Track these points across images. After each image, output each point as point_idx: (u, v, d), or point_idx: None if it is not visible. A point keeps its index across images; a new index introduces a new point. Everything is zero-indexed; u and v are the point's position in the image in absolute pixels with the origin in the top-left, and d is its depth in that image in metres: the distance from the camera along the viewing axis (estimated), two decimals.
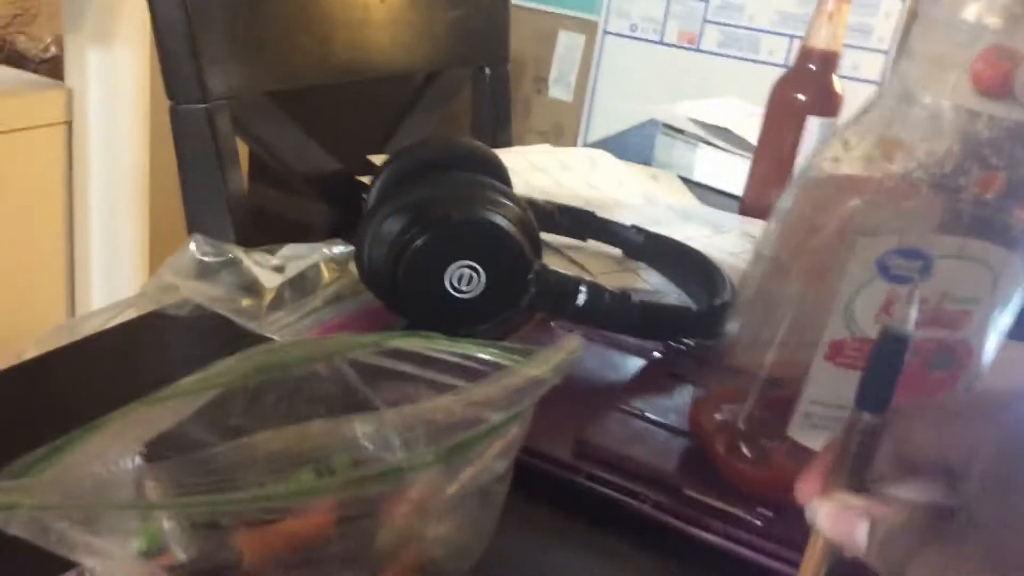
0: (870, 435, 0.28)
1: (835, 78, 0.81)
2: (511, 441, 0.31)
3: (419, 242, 0.51)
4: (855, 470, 0.28)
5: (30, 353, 0.47)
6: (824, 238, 0.41)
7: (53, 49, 1.26)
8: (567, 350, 0.32)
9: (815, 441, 0.41)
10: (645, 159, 1.02)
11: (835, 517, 0.28)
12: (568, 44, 2.15)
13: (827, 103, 0.81)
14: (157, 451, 0.31)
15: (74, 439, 0.26)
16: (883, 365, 0.28)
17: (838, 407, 0.41)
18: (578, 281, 0.53)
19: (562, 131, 2.17)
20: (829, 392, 0.41)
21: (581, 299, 0.53)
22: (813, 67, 0.81)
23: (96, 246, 1.22)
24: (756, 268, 0.45)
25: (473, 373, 0.34)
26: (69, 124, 1.19)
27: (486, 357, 0.32)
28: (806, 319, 0.42)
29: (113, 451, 0.27)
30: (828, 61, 0.81)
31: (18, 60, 1.26)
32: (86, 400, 0.44)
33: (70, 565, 0.30)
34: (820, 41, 0.80)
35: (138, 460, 0.31)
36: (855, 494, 0.28)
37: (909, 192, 0.39)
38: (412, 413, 0.30)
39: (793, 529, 0.41)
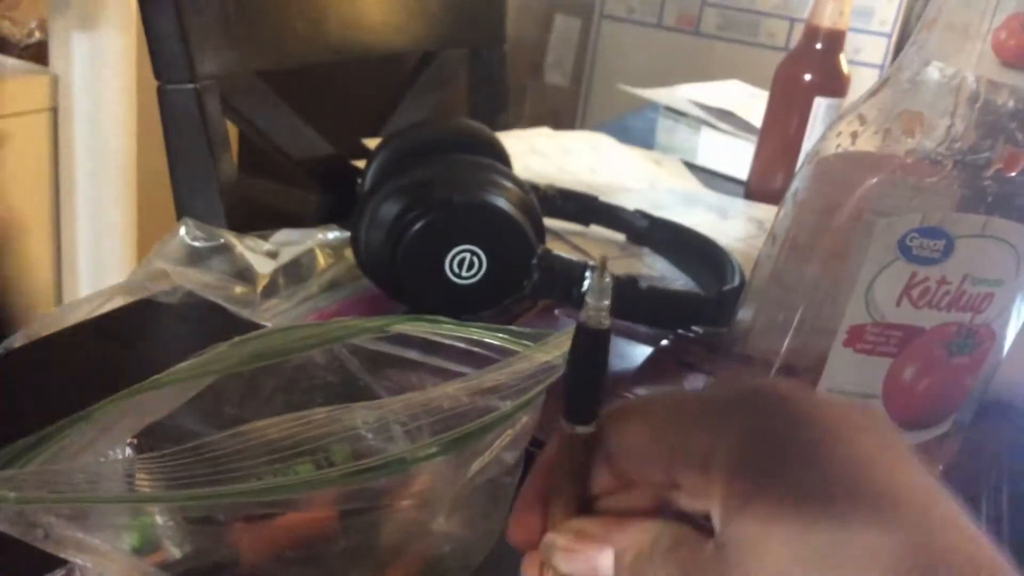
0: (584, 450, 0.23)
1: (842, 57, 0.80)
2: (521, 430, 0.30)
3: (418, 226, 0.49)
4: (577, 492, 0.24)
5: (18, 342, 0.45)
6: (841, 218, 0.39)
7: (37, 34, 1.24)
8: None
9: None
10: (647, 143, 1.00)
11: (571, 551, 0.23)
12: (564, 28, 2.12)
13: (834, 83, 0.79)
14: (149, 442, 0.30)
15: (62, 428, 0.25)
16: (585, 367, 0.23)
17: (858, 394, 0.39)
18: (583, 266, 0.51)
19: (559, 117, 2.14)
20: (848, 379, 0.39)
21: (586, 284, 0.51)
22: (819, 46, 0.79)
23: (83, 233, 1.20)
24: (770, 251, 0.43)
25: (481, 360, 0.32)
26: (54, 110, 1.17)
27: (494, 343, 0.30)
28: (823, 303, 0.40)
29: (103, 442, 0.26)
30: (834, 40, 0.79)
31: (2, 46, 1.23)
32: (75, 389, 0.42)
33: (59, 563, 0.28)
34: (825, 19, 0.78)
35: (129, 451, 0.29)
36: (587, 519, 0.23)
37: (930, 169, 0.37)
38: (416, 401, 0.28)
39: None
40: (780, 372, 0.41)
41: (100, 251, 1.21)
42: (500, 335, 0.30)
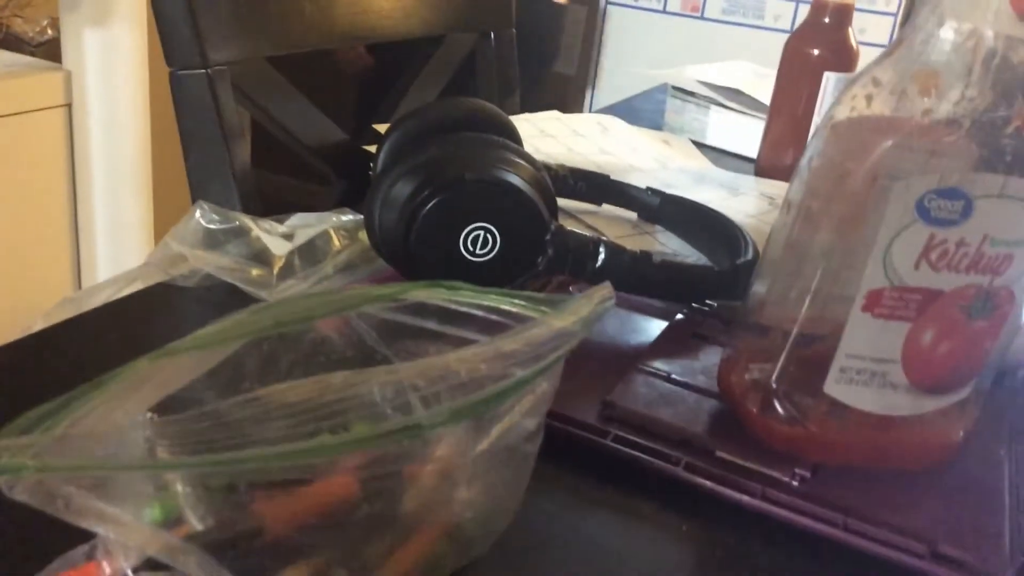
0: None
1: (850, 31, 0.79)
2: (540, 397, 0.30)
3: (431, 205, 0.49)
4: None
5: (38, 326, 0.45)
6: (856, 184, 0.39)
7: (50, 31, 1.24)
8: (597, 299, 0.30)
9: (854, 397, 0.40)
10: (656, 124, 1.00)
11: None
12: (571, 16, 2.12)
13: (843, 57, 0.79)
14: (167, 415, 0.30)
15: (82, 394, 0.25)
16: None
17: (877, 360, 0.39)
18: (597, 241, 0.51)
19: (565, 104, 2.14)
20: (867, 344, 0.39)
21: (600, 260, 0.51)
22: (827, 20, 0.78)
23: (100, 227, 1.21)
24: (785, 219, 0.43)
25: (498, 330, 0.32)
26: (68, 106, 1.17)
27: (512, 309, 0.30)
28: (839, 270, 0.40)
29: (122, 410, 0.26)
30: (843, 14, 0.78)
31: (15, 43, 1.24)
32: (95, 372, 0.43)
33: (82, 537, 0.29)
34: None
35: (148, 419, 0.30)
36: None
37: (946, 131, 0.37)
38: (433, 367, 0.28)
39: (831, 489, 0.39)
40: (798, 340, 0.41)
41: (118, 244, 1.22)
42: (517, 301, 0.30)
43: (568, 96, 2.13)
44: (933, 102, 0.36)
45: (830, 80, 0.79)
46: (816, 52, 0.79)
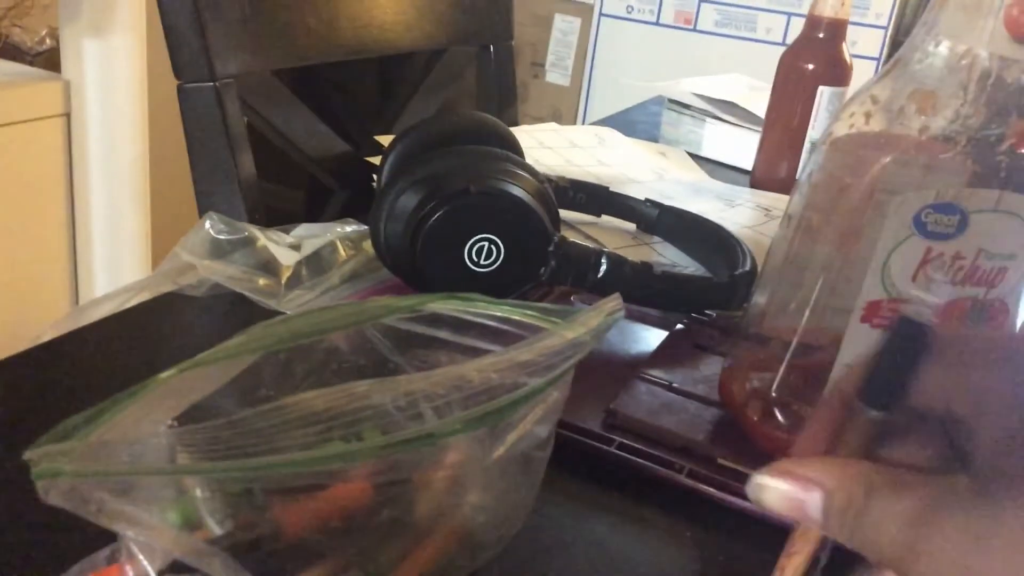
0: (867, 435, 0.24)
1: (844, 46, 0.80)
2: (552, 406, 0.31)
3: (437, 216, 0.50)
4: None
5: (47, 336, 0.46)
6: (855, 198, 0.40)
7: (48, 41, 1.25)
8: (606, 311, 0.31)
9: None
10: (652, 136, 1.01)
11: (779, 489, 0.23)
12: (564, 27, 2.13)
13: (837, 72, 0.80)
14: (189, 422, 0.31)
15: (109, 406, 0.25)
16: (900, 357, 0.24)
17: None
18: (599, 252, 0.52)
19: (560, 115, 2.15)
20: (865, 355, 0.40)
21: (602, 271, 0.52)
22: (821, 35, 0.80)
23: (98, 237, 1.21)
24: (785, 232, 0.44)
25: (509, 339, 0.33)
26: (67, 116, 1.18)
27: (524, 320, 0.31)
28: (838, 282, 0.41)
29: (149, 419, 0.27)
30: (837, 29, 0.80)
31: (13, 53, 1.24)
32: (106, 380, 0.43)
33: (102, 540, 0.29)
34: (828, 9, 0.79)
35: (170, 427, 0.30)
36: (798, 461, 0.23)
37: (942, 147, 0.38)
38: (448, 376, 0.29)
39: None
40: (798, 350, 0.42)
41: (116, 253, 1.22)
42: (529, 312, 0.31)
43: (562, 106, 2.15)
44: (930, 119, 0.37)
45: (824, 94, 0.80)
46: (811, 67, 0.80)
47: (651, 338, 0.54)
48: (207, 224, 0.48)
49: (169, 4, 0.55)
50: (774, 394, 0.42)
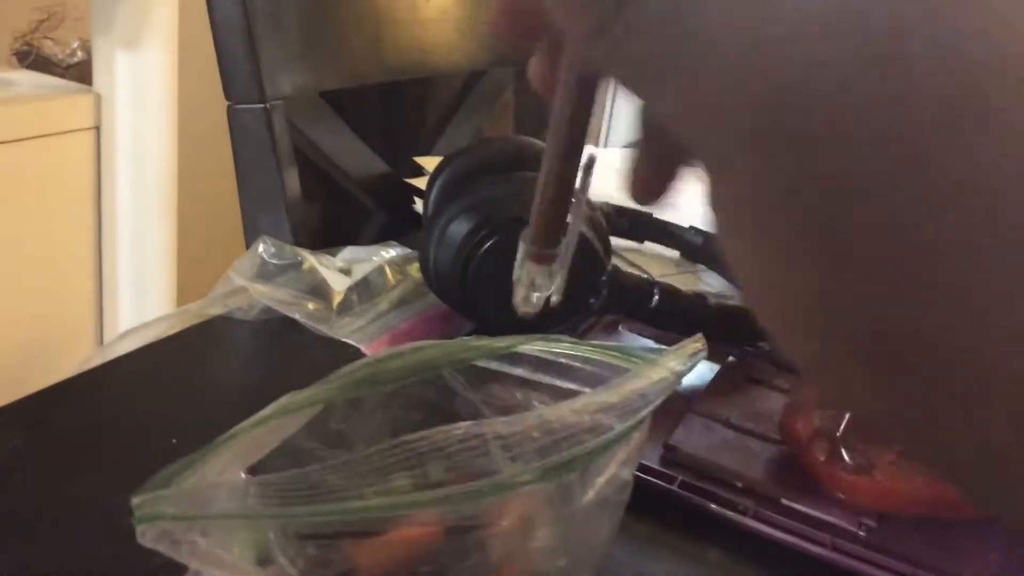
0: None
1: None
2: (634, 448, 0.30)
3: (489, 244, 0.50)
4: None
5: (95, 360, 0.45)
6: None
7: (80, 54, 1.25)
8: (689, 351, 0.30)
9: None
10: None
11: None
12: None
13: None
14: (264, 461, 0.30)
15: (205, 453, 0.25)
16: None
17: None
18: (652, 282, 0.51)
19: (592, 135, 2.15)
20: None
21: (655, 300, 0.51)
22: None
23: (124, 252, 1.21)
24: None
25: (585, 376, 0.33)
26: (97, 129, 1.18)
27: (606, 360, 0.30)
28: None
29: (237, 464, 0.26)
30: None
31: (45, 65, 1.25)
32: (155, 404, 0.43)
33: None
34: None
35: (247, 477, 0.30)
36: None
37: None
38: (526, 422, 0.28)
39: (899, 539, 0.39)
40: None
41: (143, 267, 1.22)
42: (612, 352, 0.30)
43: (595, 126, 2.14)
44: None
45: None
46: None
47: (703, 370, 0.53)
48: (260, 248, 0.48)
49: (223, 24, 0.55)
50: (841, 434, 0.42)
